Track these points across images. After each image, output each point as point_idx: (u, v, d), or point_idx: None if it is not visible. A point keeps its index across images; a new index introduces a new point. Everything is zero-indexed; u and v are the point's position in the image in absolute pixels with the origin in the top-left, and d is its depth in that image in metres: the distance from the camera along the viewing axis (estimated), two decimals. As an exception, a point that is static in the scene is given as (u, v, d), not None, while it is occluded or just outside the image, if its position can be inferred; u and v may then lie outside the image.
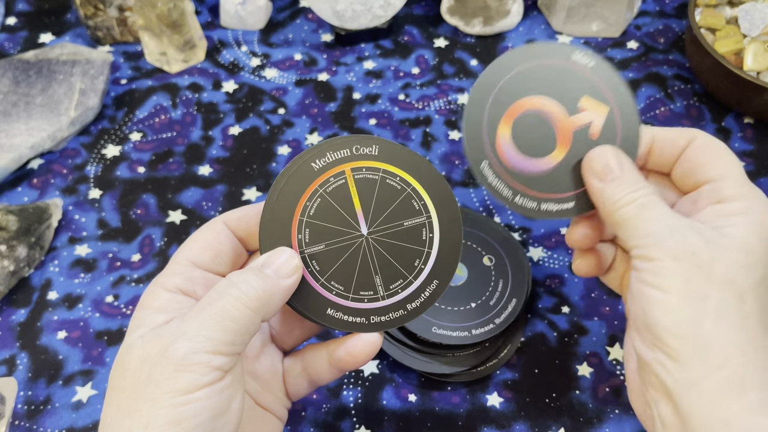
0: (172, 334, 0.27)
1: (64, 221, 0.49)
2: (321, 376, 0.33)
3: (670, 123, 0.54)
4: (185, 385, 0.26)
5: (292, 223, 0.31)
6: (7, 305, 0.45)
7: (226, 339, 0.27)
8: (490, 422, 0.40)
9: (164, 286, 0.30)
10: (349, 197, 0.32)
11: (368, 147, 0.32)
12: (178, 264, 0.31)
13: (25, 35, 0.61)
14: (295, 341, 0.35)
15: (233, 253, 0.32)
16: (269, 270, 0.30)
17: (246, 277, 0.29)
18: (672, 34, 0.61)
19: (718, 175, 0.31)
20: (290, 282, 0.30)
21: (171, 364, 0.26)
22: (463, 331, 0.40)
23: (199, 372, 0.26)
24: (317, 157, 0.31)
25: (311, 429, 0.40)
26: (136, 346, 0.27)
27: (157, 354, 0.26)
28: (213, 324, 0.27)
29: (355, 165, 0.32)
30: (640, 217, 0.29)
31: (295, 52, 0.60)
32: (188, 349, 0.26)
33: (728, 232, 0.29)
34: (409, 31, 0.62)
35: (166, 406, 0.26)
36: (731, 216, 0.29)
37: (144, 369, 0.26)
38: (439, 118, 0.55)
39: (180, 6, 0.55)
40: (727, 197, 0.30)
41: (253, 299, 0.28)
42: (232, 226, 0.32)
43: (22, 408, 0.41)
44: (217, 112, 0.56)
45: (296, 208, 0.31)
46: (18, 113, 0.52)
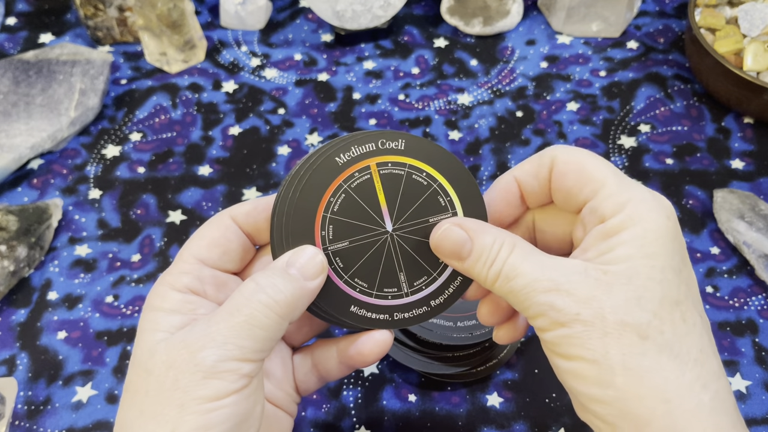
0: (199, 340, 0.26)
1: (64, 221, 0.49)
2: (330, 372, 0.33)
3: (669, 123, 0.54)
4: (214, 392, 0.26)
5: (315, 219, 0.30)
6: (7, 305, 0.45)
7: (255, 347, 0.27)
8: (490, 422, 0.40)
9: (173, 286, 0.29)
10: (374, 193, 0.31)
11: (394, 141, 0.31)
12: (185, 262, 0.30)
13: (25, 35, 0.61)
14: (303, 338, 0.35)
15: (241, 249, 0.31)
16: (294, 270, 0.29)
17: (273, 280, 0.28)
18: (672, 34, 0.61)
19: (591, 191, 0.28)
20: (317, 283, 0.29)
21: (200, 371, 0.26)
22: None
23: (229, 379, 0.26)
24: (342, 151, 0.31)
25: (311, 429, 0.40)
26: (159, 350, 0.27)
27: (184, 360, 0.26)
28: (242, 332, 0.26)
29: (381, 160, 0.31)
30: (513, 292, 0.27)
31: (295, 52, 0.60)
32: (218, 357, 0.26)
33: (612, 260, 0.26)
34: (409, 31, 0.62)
35: (194, 412, 0.25)
36: (614, 236, 0.27)
37: (170, 374, 0.26)
38: (438, 118, 0.55)
39: (180, 6, 0.55)
40: (606, 214, 0.27)
41: (282, 305, 0.27)
42: (239, 221, 0.31)
43: (22, 408, 0.41)
44: (217, 112, 0.56)
45: (320, 203, 0.30)
46: (18, 113, 0.52)
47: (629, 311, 0.25)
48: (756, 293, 0.45)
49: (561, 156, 0.29)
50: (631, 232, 0.26)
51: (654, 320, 0.25)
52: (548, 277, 0.26)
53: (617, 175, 0.28)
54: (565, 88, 0.57)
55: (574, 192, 0.29)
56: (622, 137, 0.54)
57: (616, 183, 0.27)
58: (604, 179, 0.28)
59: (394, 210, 0.31)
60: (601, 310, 0.25)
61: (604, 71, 0.58)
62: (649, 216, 0.26)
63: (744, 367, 0.42)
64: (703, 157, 0.52)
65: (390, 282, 0.31)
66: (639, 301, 0.25)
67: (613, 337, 0.25)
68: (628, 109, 0.55)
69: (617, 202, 0.27)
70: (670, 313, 0.26)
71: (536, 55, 0.59)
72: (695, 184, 0.51)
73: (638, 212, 0.27)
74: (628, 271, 0.26)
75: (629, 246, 0.26)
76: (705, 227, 0.48)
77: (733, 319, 0.44)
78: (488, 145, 0.53)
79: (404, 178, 0.31)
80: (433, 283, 0.31)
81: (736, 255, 0.47)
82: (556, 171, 0.29)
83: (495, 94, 0.57)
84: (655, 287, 0.26)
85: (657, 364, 0.25)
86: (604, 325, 0.25)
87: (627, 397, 0.25)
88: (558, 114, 0.55)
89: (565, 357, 0.26)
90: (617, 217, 0.27)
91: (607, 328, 0.25)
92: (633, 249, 0.26)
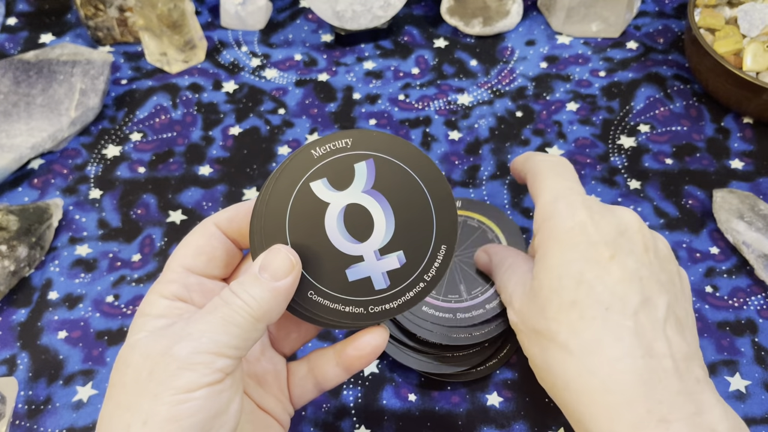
0: (176, 334, 0.27)
1: (64, 221, 0.49)
2: (327, 377, 0.34)
3: (669, 123, 0.54)
4: (186, 383, 0.26)
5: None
6: (7, 305, 0.45)
7: (230, 342, 0.27)
8: (489, 422, 0.40)
9: (161, 294, 0.30)
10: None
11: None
12: (172, 271, 0.31)
13: (26, 35, 0.61)
14: (293, 345, 0.35)
15: (226, 255, 0.32)
16: (266, 273, 0.29)
17: (246, 286, 0.29)
18: (671, 34, 0.61)
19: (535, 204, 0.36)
20: (289, 281, 0.29)
21: (174, 362, 0.26)
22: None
23: (201, 372, 0.26)
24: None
25: (311, 429, 0.40)
26: (139, 344, 0.28)
27: (159, 352, 0.27)
28: (218, 328, 0.27)
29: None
30: None
31: (295, 53, 0.60)
32: (192, 349, 0.27)
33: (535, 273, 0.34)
34: (409, 31, 0.62)
35: (167, 402, 0.26)
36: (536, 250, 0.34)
37: (146, 366, 0.27)
38: (438, 118, 0.55)
39: (180, 6, 0.55)
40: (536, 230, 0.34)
41: (256, 308, 0.28)
42: (223, 227, 0.32)
43: (22, 408, 0.41)
44: (217, 112, 0.56)
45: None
46: (18, 113, 0.52)
47: (537, 321, 0.32)
48: (755, 293, 0.45)
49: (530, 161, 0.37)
50: (542, 248, 0.33)
51: (552, 325, 0.31)
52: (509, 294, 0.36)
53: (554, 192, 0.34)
54: (564, 88, 0.57)
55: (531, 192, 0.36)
56: (622, 137, 0.54)
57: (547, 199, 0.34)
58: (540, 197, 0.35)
59: None
60: (525, 321, 0.33)
61: (603, 71, 0.58)
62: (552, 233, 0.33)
63: (744, 366, 0.42)
64: (702, 157, 0.52)
65: None
66: (542, 312, 0.32)
67: (533, 341, 0.33)
68: (627, 109, 0.56)
69: (540, 223, 0.34)
70: (566, 316, 0.31)
71: (536, 55, 0.60)
72: (695, 184, 0.51)
73: (546, 230, 0.33)
74: (536, 286, 0.33)
75: (538, 262, 0.33)
76: (704, 227, 0.48)
77: (733, 319, 0.44)
78: (488, 145, 0.53)
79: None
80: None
81: (735, 255, 0.47)
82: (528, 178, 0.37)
83: (495, 94, 0.57)
84: (553, 297, 0.32)
85: (558, 360, 0.31)
86: (528, 332, 0.33)
87: (547, 384, 0.32)
88: (558, 114, 0.55)
89: None
90: (536, 237, 0.34)
91: (529, 335, 0.33)
92: (539, 268, 0.33)
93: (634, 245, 0.32)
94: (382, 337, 0.32)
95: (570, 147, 0.53)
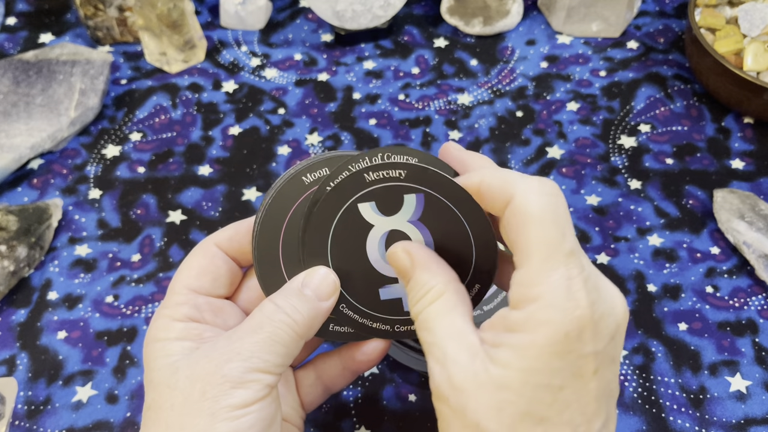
0: (224, 354, 0.28)
1: (64, 221, 0.49)
2: (335, 381, 0.35)
3: (670, 123, 0.54)
4: (242, 400, 0.27)
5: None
6: (7, 305, 0.45)
7: (277, 361, 0.29)
8: (490, 422, 0.40)
9: (174, 317, 0.30)
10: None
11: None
12: (179, 294, 0.31)
13: (25, 35, 0.61)
14: (300, 357, 0.37)
15: (229, 274, 0.33)
16: (309, 290, 0.30)
17: (291, 301, 0.30)
18: (672, 34, 0.61)
19: (520, 262, 0.26)
20: (330, 303, 0.31)
21: (228, 382, 0.27)
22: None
23: (254, 389, 0.28)
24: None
25: (311, 429, 0.40)
26: (181, 367, 0.28)
27: (208, 372, 0.28)
28: (266, 347, 0.28)
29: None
30: (422, 339, 0.28)
31: (295, 52, 0.60)
32: (244, 369, 0.28)
33: (495, 359, 0.25)
34: (409, 31, 0.62)
35: (225, 419, 0.27)
36: (508, 333, 0.25)
37: (196, 387, 0.27)
38: (439, 118, 0.55)
39: (180, 6, 0.55)
40: (517, 299, 0.26)
41: (300, 324, 0.29)
42: (224, 247, 0.33)
43: (22, 408, 0.41)
44: (217, 112, 0.56)
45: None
46: (18, 113, 0.52)
47: (486, 418, 0.25)
48: (756, 293, 0.45)
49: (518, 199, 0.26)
50: (521, 338, 0.25)
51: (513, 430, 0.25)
52: (444, 347, 0.26)
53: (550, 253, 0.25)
54: (565, 88, 0.57)
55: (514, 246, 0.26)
56: (622, 137, 0.54)
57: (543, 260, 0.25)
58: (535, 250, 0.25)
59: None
60: (465, 405, 0.25)
61: (604, 71, 0.58)
62: (544, 328, 0.25)
63: (744, 367, 0.42)
64: (703, 157, 0.52)
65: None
66: (498, 413, 0.25)
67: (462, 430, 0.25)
68: (628, 109, 0.55)
69: (526, 295, 0.25)
70: (528, 430, 0.25)
71: (536, 55, 0.59)
72: (695, 184, 0.51)
73: (536, 318, 0.25)
74: (501, 379, 0.25)
75: (513, 352, 0.25)
76: (705, 227, 0.48)
77: (733, 319, 0.44)
78: (488, 145, 0.53)
79: None
80: None
81: (736, 255, 0.47)
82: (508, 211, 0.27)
83: (495, 94, 0.57)
84: (520, 402, 0.25)
85: None
86: (464, 419, 0.25)
87: None
88: (558, 114, 0.55)
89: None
90: (518, 312, 0.25)
91: (463, 424, 0.25)
92: (515, 358, 0.25)
93: (617, 348, 0.27)
94: (387, 342, 0.33)
95: (570, 147, 0.53)
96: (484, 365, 0.25)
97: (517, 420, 0.25)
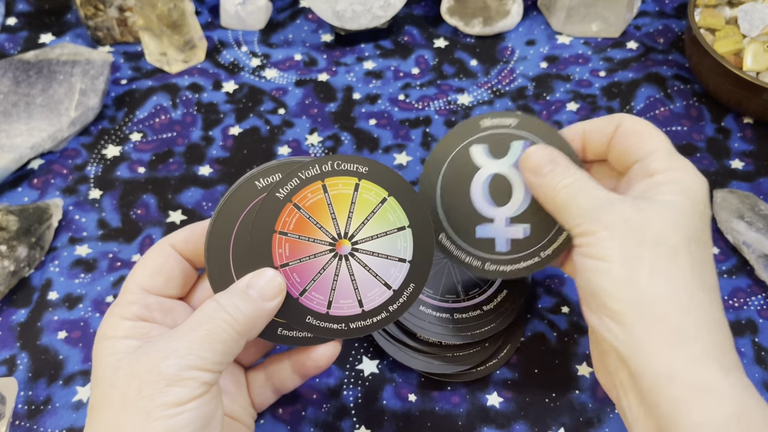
0: (161, 351, 0.28)
1: (64, 221, 0.49)
2: (285, 383, 0.36)
3: (669, 123, 0.54)
4: (177, 398, 0.27)
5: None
6: (7, 305, 0.45)
7: (215, 359, 0.29)
8: (489, 422, 0.40)
9: (123, 316, 0.31)
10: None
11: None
12: (131, 293, 0.32)
13: (26, 35, 0.61)
14: (251, 358, 0.37)
15: (183, 275, 0.33)
16: (253, 291, 0.31)
17: (234, 300, 0.30)
18: (672, 34, 0.61)
19: (646, 153, 0.32)
20: (275, 304, 0.31)
21: (163, 380, 0.27)
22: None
23: (190, 386, 0.28)
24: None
25: (311, 429, 0.40)
26: (122, 365, 0.28)
27: (146, 370, 0.28)
28: (203, 344, 0.28)
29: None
30: (575, 199, 0.31)
31: (295, 53, 0.60)
32: (180, 366, 0.28)
33: (658, 199, 0.30)
34: (409, 31, 0.62)
35: (160, 417, 0.27)
36: (661, 185, 0.31)
37: (133, 385, 0.27)
38: (438, 118, 0.55)
39: (180, 6, 0.55)
40: (656, 170, 0.32)
41: (241, 323, 0.30)
42: (179, 248, 0.33)
43: (22, 408, 0.41)
44: (217, 112, 0.56)
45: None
46: (18, 113, 0.52)
47: (669, 231, 0.29)
48: (755, 293, 0.45)
49: (628, 120, 0.34)
50: (676, 185, 0.31)
51: (689, 244, 0.29)
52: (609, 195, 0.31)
53: (670, 146, 0.33)
54: (564, 88, 0.57)
55: (632, 149, 0.33)
56: (622, 137, 0.54)
57: (668, 150, 0.32)
58: (659, 144, 0.32)
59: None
60: (644, 224, 0.29)
61: (603, 71, 0.58)
62: (689, 184, 0.31)
63: (744, 366, 0.42)
64: (702, 157, 0.52)
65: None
66: (677, 228, 0.29)
67: (649, 247, 0.29)
68: (627, 109, 0.56)
69: (668, 164, 0.32)
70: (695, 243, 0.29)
71: (536, 55, 0.59)
72: (695, 184, 0.51)
73: (681, 177, 0.31)
74: (672, 206, 0.30)
75: (673, 193, 0.30)
76: (705, 227, 0.48)
77: (733, 319, 0.44)
78: (488, 145, 0.53)
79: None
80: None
81: (735, 255, 0.47)
82: (621, 130, 0.34)
83: (495, 94, 0.57)
84: (683, 223, 0.29)
85: (681, 279, 0.28)
86: (643, 235, 0.29)
87: (648, 295, 0.28)
88: (558, 114, 0.55)
89: (598, 258, 0.29)
90: (664, 174, 0.31)
91: (646, 239, 0.29)
92: (677, 195, 0.30)
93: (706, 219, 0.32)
94: (336, 348, 0.34)
95: (570, 147, 0.53)
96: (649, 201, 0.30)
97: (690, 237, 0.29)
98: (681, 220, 0.29)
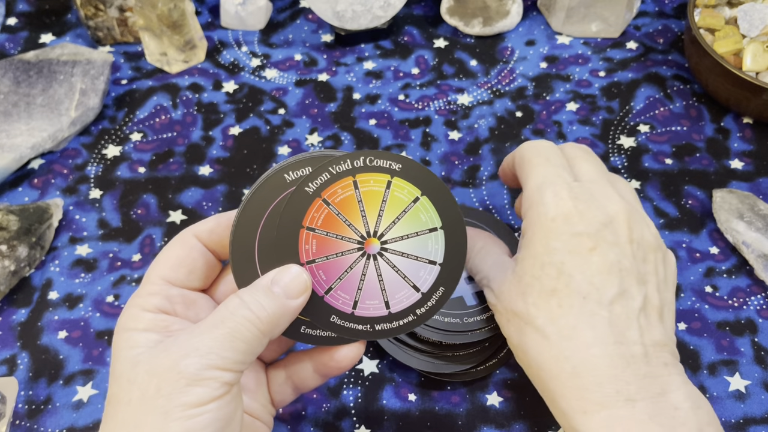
0: (182, 349, 0.27)
1: (64, 221, 0.49)
2: (305, 382, 0.34)
3: (669, 123, 0.54)
4: (197, 398, 0.26)
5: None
6: (7, 305, 0.45)
7: (236, 358, 0.27)
8: (489, 422, 0.40)
9: (144, 308, 0.30)
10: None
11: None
12: (152, 284, 0.31)
13: (26, 35, 0.62)
14: (272, 355, 0.36)
15: (206, 267, 0.32)
16: (278, 288, 0.29)
17: (257, 297, 0.29)
18: (671, 34, 0.61)
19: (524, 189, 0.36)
20: (300, 302, 0.30)
21: (183, 379, 0.26)
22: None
23: (211, 387, 0.27)
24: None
25: (311, 428, 0.40)
26: (142, 361, 0.27)
27: (166, 368, 0.27)
28: (225, 343, 0.27)
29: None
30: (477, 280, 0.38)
31: (296, 53, 0.60)
32: (201, 365, 0.27)
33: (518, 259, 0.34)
34: (409, 31, 0.62)
35: (178, 418, 0.26)
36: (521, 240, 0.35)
37: (152, 382, 0.27)
38: (438, 118, 0.55)
39: (180, 6, 0.55)
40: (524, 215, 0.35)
41: (265, 322, 0.28)
42: (203, 239, 0.32)
43: (22, 408, 0.41)
44: (217, 112, 0.56)
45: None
46: (19, 113, 0.52)
47: (516, 304, 0.33)
48: (755, 293, 0.45)
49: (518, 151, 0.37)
50: (526, 236, 0.34)
51: (532, 310, 0.32)
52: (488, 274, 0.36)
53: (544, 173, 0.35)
54: (564, 88, 0.57)
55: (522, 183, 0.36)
56: (622, 137, 0.54)
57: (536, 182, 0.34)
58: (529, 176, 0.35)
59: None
60: (504, 303, 0.34)
61: (603, 71, 0.58)
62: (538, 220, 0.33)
63: (743, 366, 0.42)
64: (702, 157, 0.52)
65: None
66: (523, 297, 0.33)
67: (511, 322, 0.34)
68: (627, 109, 0.56)
69: (526, 208, 0.34)
70: (546, 302, 0.32)
71: (536, 55, 0.60)
72: (694, 184, 0.51)
73: (531, 217, 0.34)
74: (519, 271, 0.33)
75: (524, 250, 0.34)
76: (704, 227, 0.48)
77: (732, 319, 0.44)
78: (488, 145, 0.53)
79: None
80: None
81: (735, 255, 0.47)
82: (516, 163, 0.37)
83: (495, 94, 0.57)
84: (534, 283, 0.32)
85: (534, 343, 0.32)
86: (506, 313, 0.34)
87: (523, 363, 0.34)
88: (557, 114, 0.55)
89: None
90: (524, 221, 0.34)
91: (508, 315, 0.34)
92: (524, 250, 0.34)
93: (618, 236, 0.32)
94: (360, 350, 0.33)
95: (570, 147, 0.53)
96: (512, 269, 0.34)
97: (536, 297, 0.32)
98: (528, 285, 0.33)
